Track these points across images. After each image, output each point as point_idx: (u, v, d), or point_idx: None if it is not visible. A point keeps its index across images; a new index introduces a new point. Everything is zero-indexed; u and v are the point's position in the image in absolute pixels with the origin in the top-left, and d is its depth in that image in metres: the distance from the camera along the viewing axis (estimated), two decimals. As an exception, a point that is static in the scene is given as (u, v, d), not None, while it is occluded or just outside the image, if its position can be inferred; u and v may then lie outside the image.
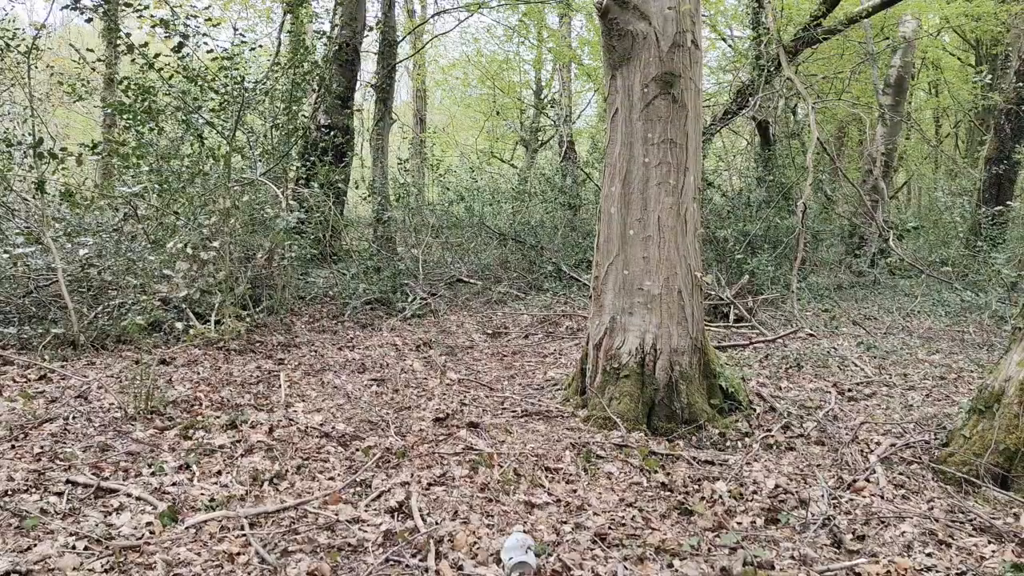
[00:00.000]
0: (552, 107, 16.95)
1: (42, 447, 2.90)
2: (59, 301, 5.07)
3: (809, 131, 7.61)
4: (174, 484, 2.63)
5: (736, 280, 7.44)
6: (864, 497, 2.68)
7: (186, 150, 6.54)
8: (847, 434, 3.43)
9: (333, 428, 3.34)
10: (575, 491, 2.68)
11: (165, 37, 6.00)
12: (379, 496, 2.58)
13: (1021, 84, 9.91)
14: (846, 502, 2.64)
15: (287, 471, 2.79)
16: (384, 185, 10.52)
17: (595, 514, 2.48)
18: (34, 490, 2.50)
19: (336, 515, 2.42)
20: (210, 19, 6.16)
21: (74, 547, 2.13)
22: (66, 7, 6.03)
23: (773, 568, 2.15)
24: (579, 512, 2.50)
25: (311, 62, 7.87)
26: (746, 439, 3.36)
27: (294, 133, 7.56)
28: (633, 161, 3.53)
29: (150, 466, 2.78)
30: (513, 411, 3.74)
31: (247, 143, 6.80)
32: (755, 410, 3.72)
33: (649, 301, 3.51)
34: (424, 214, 9.82)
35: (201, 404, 3.63)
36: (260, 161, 6.87)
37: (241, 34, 6.63)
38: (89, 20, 6.33)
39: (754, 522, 2.49)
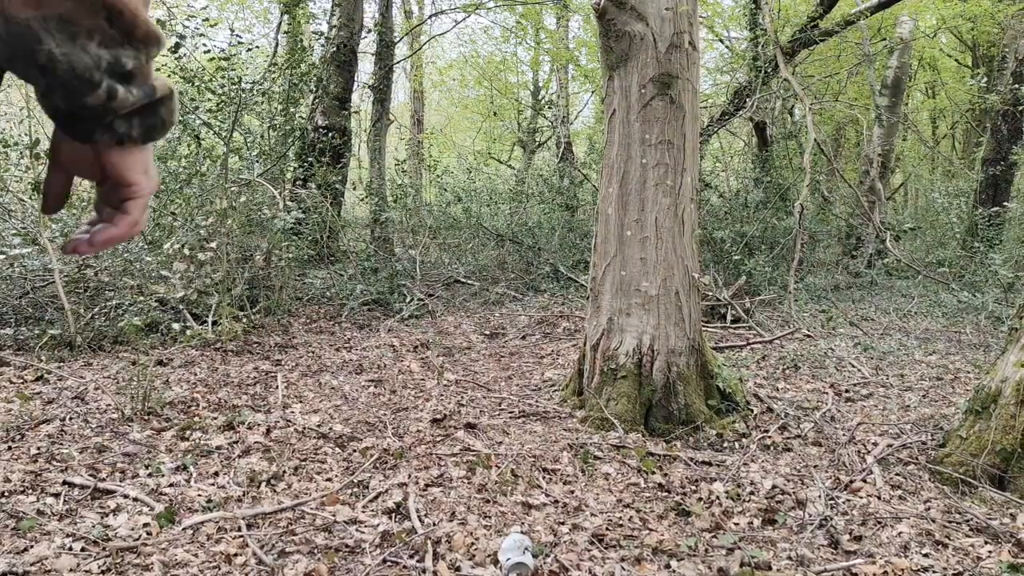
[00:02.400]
0: (549, 108, 16.95)
1: (39, 448, 2.90)
2: (56, 302, 5.06)
3: (806, 132, 7.63)
4: (171, 485, 2.63)
5: (733, 281, 7.45)
6: (861, 498, 2.68)
7: (183, 151, 6.54)
8: (844, 435, 3.43)
9: (331, 429, 3.34)
10: (573, 492, 2.68)
11: (162, 38, 5.99)
12: (377, 497, 2.57)
13: (1017, 85, 9.94)
14: (843, 503, 2.64)
15: (284, 472, 2.79)
16: (381, 186, 10.52)
17: (593, 515, 2.48)
18: (31, 491, 2.49)
19: (334, 516, 2.41)
20: (207, 20, 6.16)
21: (71, 548, 2.12)
22: (63, 8, 6.01)
23: (770, 569, 2.15)
24: (577, 513, 2.50)
25: (308, 63, 7.87)
26: (743, 440, 3.36)
27: (291, 134, 7.55)
28: (631, 162, 3.54)
29: (147, 467, 2.77)
30: (511, 412, 3.74)
31: (244, 144, 6.80)
32: (752, 411, 3.72)
33: (646, 302, 3.51)
34: (421, 215, 9.82)
35: (198, 405, 3.63)
36: (257, 162, 6.86)
37: (238, 35, 6.63)
38: (86, 21, 6.32)
39: (751, 523, 2.49)
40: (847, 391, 4.35)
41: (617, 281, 3.59)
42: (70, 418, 3.30)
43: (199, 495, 2.54)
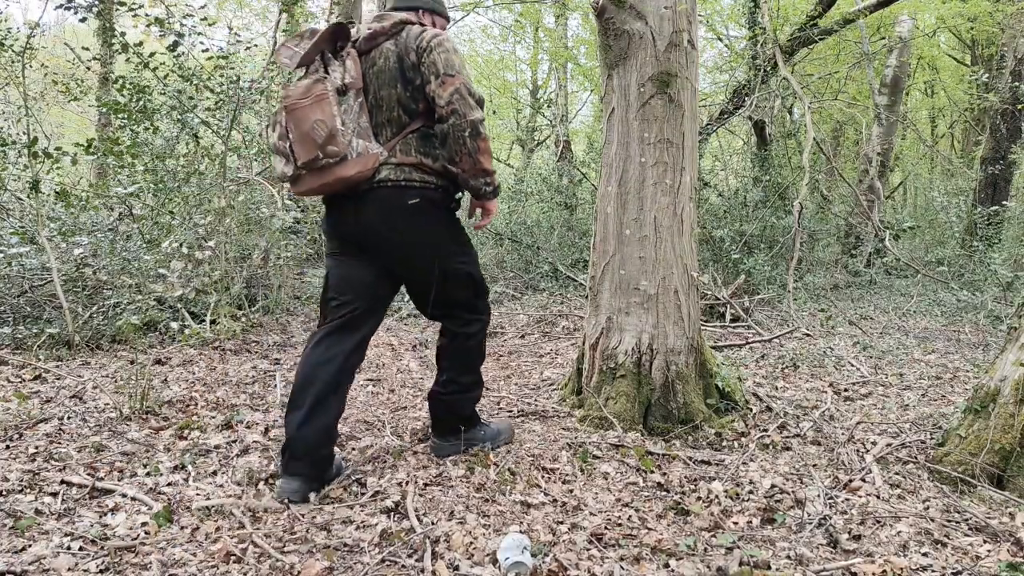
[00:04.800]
0: (548, 107, 16.94)
1: (37, 447, 2.89)
2: (54, 301, 5.06)
3: (805, 131, 7.62)
4: (169, 484, 2.63)
5: (732, 280, 7.45)
6: (860, 497, 2.68)
7: (181, 149, 6.53)
8: (843, 434, 3.43)
9: (329, 428, 3.33)
10: (571, 491, 2.68)
11: (160, 36, 5.99)
12: (375, 496, 2.57)
13: (1016, 84, 9.94)
14: (842, 502, 2.64)
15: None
16: (380, 184, 10.49)
17: (591, 514, 2.48)
18: (29, 490, 2.49)
19: (332, 515, 2.41)
20: (206, 18, 6.14)
21: (69, 547, 2.12)
22: (60, 6, 6.00)
23: (769, 568, 2.14)
24: (575, 512, 2.50)
25: (307, 61, 7.83)
26: (742, 439, 3.36)
27: (290, 132, 7.52)
28: (629, 161, 3.53)
29: (145, 466, 2.77)
30: (509, 411, 3.74)
31: (243, 142, 6.79)
32: (751, 410, 3.71)
33: (645, 301, 3.51)
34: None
35: (196, 404, 3.62)
36: (256, 160, 6.86)
37: (237, 33, 6.62)
38: (83, 20, 6.31)
39: (750, 522, 2.49)
40: (846, 390, 4.35)
41: (616, 280, 3.58)
42: (68, 417, 3.30)
43: (197, 494, 2.54)
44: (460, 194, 2.80)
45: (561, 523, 2.40)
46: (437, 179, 2.62)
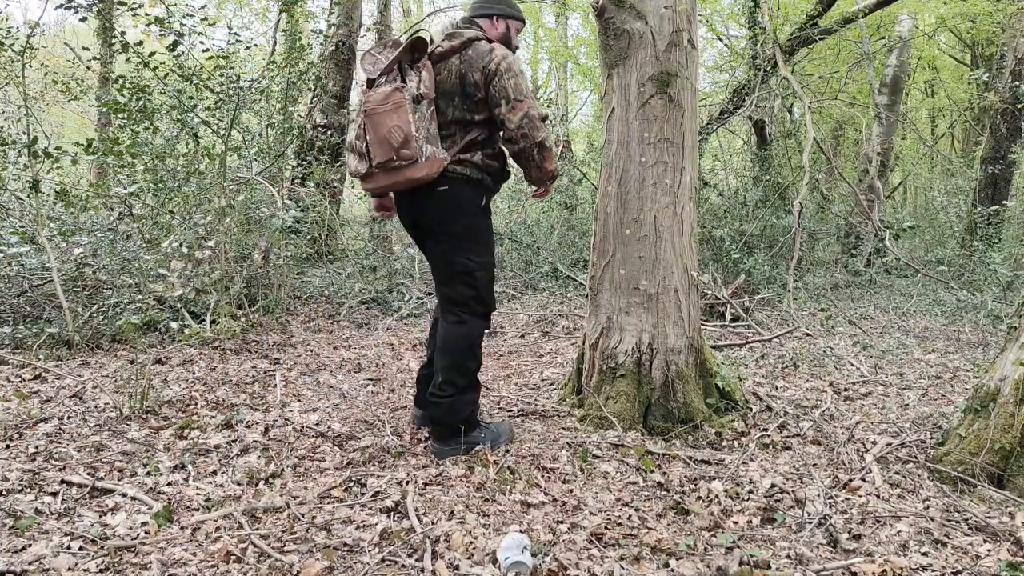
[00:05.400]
0: (548, 106, 16.94)
1: (37, 447, 2.89)
2: (54, 301, 5.06)
3: (805, 131, 7.62)
4: (169, 484, 2.63)
5: (732, 279, 7.45)
6: (860, 496, 2.68)
7: (181, 149, 6.53)
8: (843, 433, 3.43)
9: (329, 428, 3.33)
10: (571, 491, 2.68)
11: (160, 36, 5.98)
12: (375, 495, 2.57)
13: (1016, 84, 9.94)
14: (842, 501, 2.64)
15: (283, 471, 2.79)
16: (380, 184, 10.48)
17: (591, 514, 2.48)
18: (29, 490, 2.49)
19: (332, 514, 2.41)
20: (206, 18, 6.14)
21: (69, 547, 2.12)
22: (60, 6, 6.00)
23: (769, 567, 2.14)
24: (575, 512, 2.50)
25: (307, 61, 7.85)
26: (742, 438, 3.36)
27: (290, 132, 7.54)
28: (629, 160, 3.53)
29: (145, 466, 2.77)
30: (509, 411, 3.74)
31: (243, 142, 6.79)
32: (751, 409, 3.71)
33: (645, 301, 3.51)
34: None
35: (196, 404, 3.62)
36: (256, 160, 6.85)
37: (236, 33, 6.62)
38: (83, 19, 6.31)
39: (750, 521, 2.49)
40: (846, 389, 4.35)
41: (616, 280, 3.58)
42: (68, 417, 3.30)
43: (197, 494, 2.54)
44: (496, 190, 3.11)
45: (561, 523, 2.40)
46: (472, 171, 2.90)
